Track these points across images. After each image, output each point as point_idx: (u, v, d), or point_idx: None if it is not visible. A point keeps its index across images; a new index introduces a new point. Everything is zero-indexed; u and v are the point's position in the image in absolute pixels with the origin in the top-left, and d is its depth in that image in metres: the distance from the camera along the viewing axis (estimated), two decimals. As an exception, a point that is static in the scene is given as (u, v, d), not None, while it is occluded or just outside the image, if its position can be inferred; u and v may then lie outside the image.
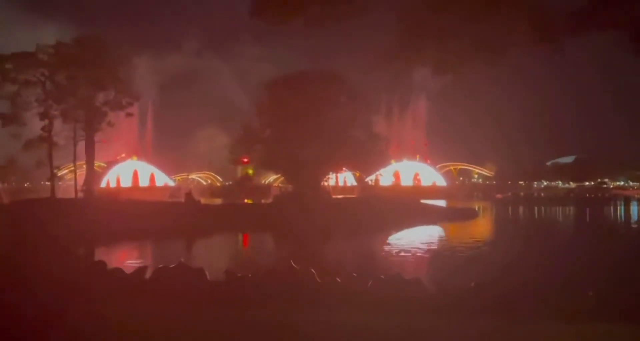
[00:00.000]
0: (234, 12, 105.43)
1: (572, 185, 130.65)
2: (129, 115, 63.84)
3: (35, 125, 55.80)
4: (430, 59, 11.12)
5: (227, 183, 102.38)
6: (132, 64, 62.22)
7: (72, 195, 57.95)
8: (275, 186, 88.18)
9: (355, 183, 75.72)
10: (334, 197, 63.72)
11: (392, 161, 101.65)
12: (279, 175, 78.23)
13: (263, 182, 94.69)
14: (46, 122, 55.02)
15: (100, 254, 31.00)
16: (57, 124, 56.19)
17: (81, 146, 57.58)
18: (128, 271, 12.02)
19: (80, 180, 60.49)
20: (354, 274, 11.62)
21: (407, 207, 58.86)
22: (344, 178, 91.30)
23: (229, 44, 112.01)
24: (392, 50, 11.59)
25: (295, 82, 60.15)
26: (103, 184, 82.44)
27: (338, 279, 10.74)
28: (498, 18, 9.97)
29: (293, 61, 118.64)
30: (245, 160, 72.35)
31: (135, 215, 45.82)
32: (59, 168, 59.51)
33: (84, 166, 60.87)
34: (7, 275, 9.65)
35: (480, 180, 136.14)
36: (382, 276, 11.13)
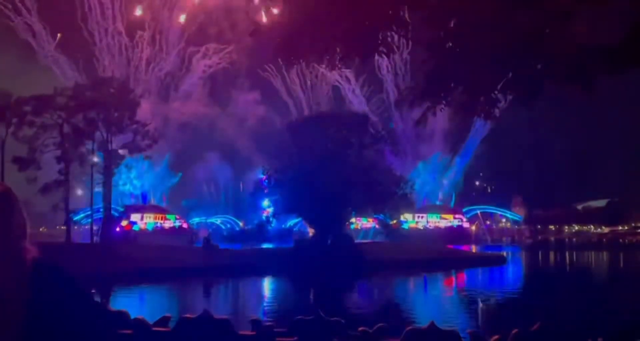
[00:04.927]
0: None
1: (605, 229, 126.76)
2: (147, 157, 62.94)
3: (52, 169, 55.12)
4: (457, 100, 9.83)
5: (246, 228, 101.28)
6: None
7: (88, 240, 56.81)
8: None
9: (375, 226, 73.73)
10: (356, 242, 61.61)
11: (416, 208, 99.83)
12: (299, 219, 76.54)
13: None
14: (63, 165, 54.20)
15: (119, 301, 29.84)
16: (74, 168, 55.43)
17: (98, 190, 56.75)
18: (151, 321, 10.83)
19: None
20: (383, 324, 10.10)
21: (432, 252, 56.66)
22: (364, 223, 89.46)
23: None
24: (418, 89, 10.41)
25: (318, 124, 59.00)
26: (118, 228, 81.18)
27: (367, 329, 9.70)
28: (531, 57, 8.74)
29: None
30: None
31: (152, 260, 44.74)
32: (75, 212, 58.30)
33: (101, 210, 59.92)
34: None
35: (509, 224, 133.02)
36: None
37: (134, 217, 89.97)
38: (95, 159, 55.45)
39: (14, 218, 2.57)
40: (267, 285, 43.33)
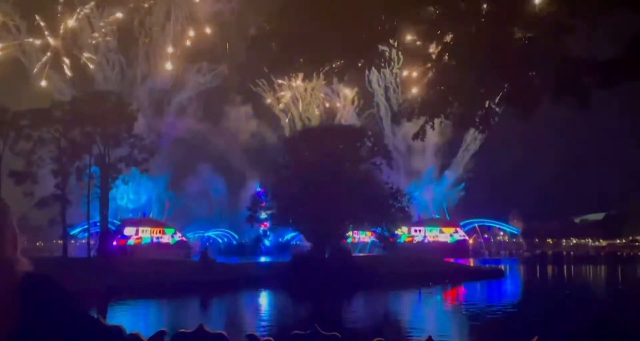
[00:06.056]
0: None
1: (603, 243, 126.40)
2: (144, 171, 62.74)
3: (48, 183, 54.90)
4: (455, 112, 9.82)
5: (243, 241, 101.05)
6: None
7: (85, 254, 56.47)
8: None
9: (373, 240, 73.55)
10: (354, 255, 61.40)
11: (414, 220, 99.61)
12: (296, 233, 76.25)
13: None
14: (60, 179, 53.96)
15: (115, 316, 29.57)
16: (71, 181, 55.21)
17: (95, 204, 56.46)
18: (146, 336, 10.69)
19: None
20: (381, 338, 9.99)
21: (430, 266, 56.53)
22: (361, 236, 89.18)
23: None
24: (416, 102, 10.45)
25: (315, 137, 59.01)
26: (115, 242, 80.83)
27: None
28: (527, 71, 8.77)
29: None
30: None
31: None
32: (72, 226, 58.00)
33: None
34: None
35: (507, 237, 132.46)
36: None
37: (128, 230, 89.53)
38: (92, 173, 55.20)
39: (6, 229, 2.53)
40: (264, 299, 43.13)
